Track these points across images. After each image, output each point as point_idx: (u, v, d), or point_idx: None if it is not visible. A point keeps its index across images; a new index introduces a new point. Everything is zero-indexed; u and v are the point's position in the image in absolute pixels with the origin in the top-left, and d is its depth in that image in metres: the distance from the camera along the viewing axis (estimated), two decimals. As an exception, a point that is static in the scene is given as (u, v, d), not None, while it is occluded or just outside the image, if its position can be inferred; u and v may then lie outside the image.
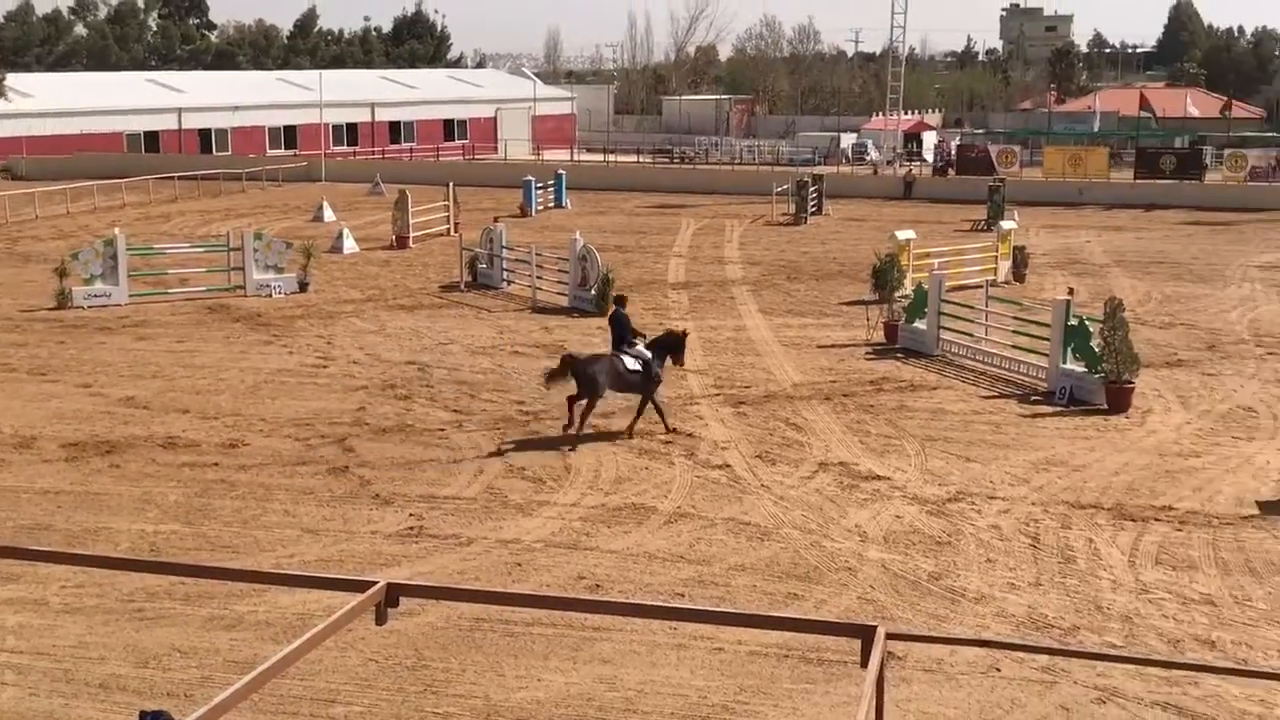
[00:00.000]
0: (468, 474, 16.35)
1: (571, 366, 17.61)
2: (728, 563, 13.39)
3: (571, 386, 17.74)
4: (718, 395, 20.41)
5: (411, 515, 14.80)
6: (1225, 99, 79.70)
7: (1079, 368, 20.34)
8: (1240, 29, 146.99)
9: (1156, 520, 14.65)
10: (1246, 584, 12.83)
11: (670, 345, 18.51)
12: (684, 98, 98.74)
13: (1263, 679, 10.36)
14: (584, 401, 17.66)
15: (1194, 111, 78.38)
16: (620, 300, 19.24)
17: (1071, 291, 23.92)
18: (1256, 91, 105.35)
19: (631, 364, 17.82)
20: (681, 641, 11.38)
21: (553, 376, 17.93)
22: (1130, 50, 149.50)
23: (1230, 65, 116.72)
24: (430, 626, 11.75)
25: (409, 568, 13.21)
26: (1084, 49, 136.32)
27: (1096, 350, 19.92)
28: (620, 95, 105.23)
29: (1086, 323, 20.51)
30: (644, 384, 18.00)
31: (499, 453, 17.21)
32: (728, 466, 16.67)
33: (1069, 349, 20.55)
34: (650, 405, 18.15)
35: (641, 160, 72.04)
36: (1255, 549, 13.78)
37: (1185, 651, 11.31)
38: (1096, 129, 79.11)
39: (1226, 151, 61.75)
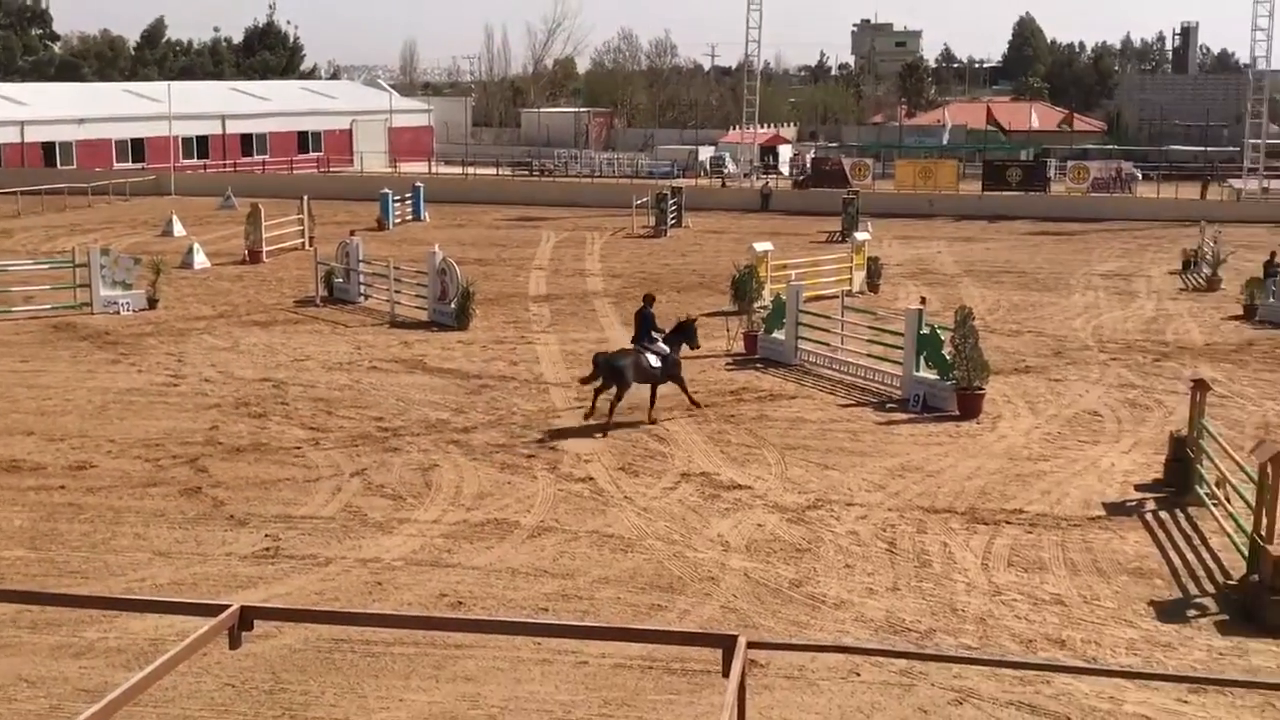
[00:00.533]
0: (325, 492, 16.07)
1: (601, 362, 19.27)
2: (591, 576, 13.37)
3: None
4: (580, 408, 20.39)
5: (267, 536, 14.49)
6: (1067, 113, 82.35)
7: (932, 375, 20.79)
8: (1081, 45, 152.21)
9: (1008, 523, 15.03)
10: (1094, 583, 13.23)
11: (684, 333, 20.25)
12: (543, 110, 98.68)
13: (1110, 676, 10.70)
14: (612, 392, 19.07)
15: (1039, 125, 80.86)
16: (649, 299, 20.78)
17: (924, 301, 24.46)
18: (1098, 105, 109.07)
19: (653, 360, 19.59)
20: (545, 656, 11.32)
21: (588, 380, 19.66)
22: (977, 65, 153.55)
23: (1072, 80, 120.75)
24: (288, 649, 11.50)
25: (265, 590, 12.93)
26: (933, 64, 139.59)
27: (948, 358, 20.39)
28: (478, 107, 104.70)
29: (938, 331, 20.98)
30: (664, 376, 19.73)
31: (360, 471, 16.96)
32: (591, 479, 16.66)
33: (922, 357, 21.00)
34: (682, 387, 20.16)
35: (501, 173, 71.77)
36: (1102, 549, 14.22)
37: (1037, 651, 11.61)
38: (946, 142, 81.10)
39: (1069, 163, 63.84)
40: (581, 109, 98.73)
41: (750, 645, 5.32)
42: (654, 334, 20.01)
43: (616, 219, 49.93)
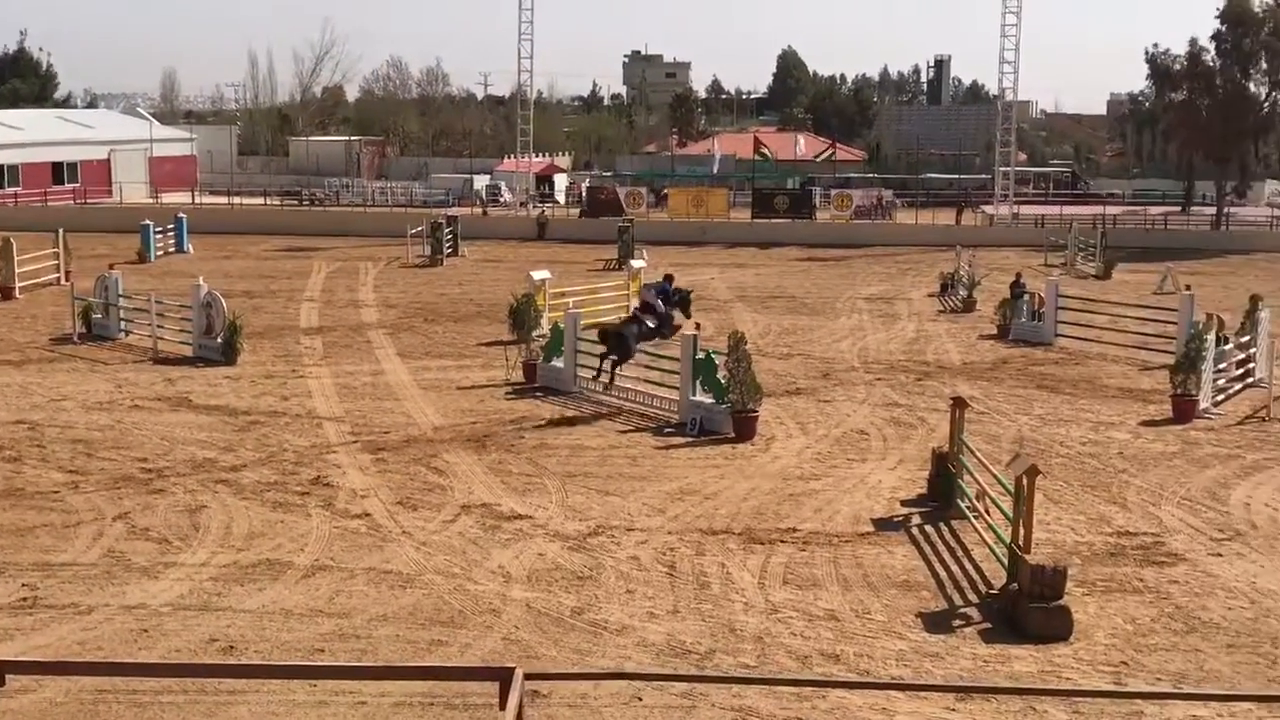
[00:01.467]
0: (86, 538, 15.33)
1: (606, 333, 22.45)
2: (369, 614, 13.10)
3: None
4: (355, 442, 20.01)
5: (24, 585, 13.73)
6: (830, 142, 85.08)
7: (707, 399, 21.15)
8: (842, 77, 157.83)
9: (783, 542, 15.36)
10: (865, 598, 13.62)
11: (681, 302, 23.89)
12: (311, 139, 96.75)
13: (882, 689, 11.02)
14: (614, 359, 22.19)
15: (804, 153, 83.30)
16: (669, 278, 24.67)
17: (698, 326, 24.84)
18: (858, 135, 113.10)
19: (650, 322, 22.87)
20: (322, 698, 11.01)
21: (602, 340, 22.43)
22: (745, 96, 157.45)
23: (834, 110, 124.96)
24: (49, 702, 10.91)
25: (23, 642, 12.24)
26: (702, 95, 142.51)
27: (723, 382, 20.77)
28: (244, 136, 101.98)
29: (713, 356, 21.37)
30: (660, 331, 23.13)
31: (123, 514, 16.23)
32: (367, 515, 16.34)
33: (698, 381, 21.34)
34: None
35: (269, 202, 69.97)
36: (872, 564, 14.66)
37: (813, 666, 11.89)
38: (716, 171, 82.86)
39: (833, 191, 65.97)
40: (352, 137, 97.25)
41: (528, 677, 5.29)
42: (657, 305, 23.37)
43: (391, 249, 49.29)
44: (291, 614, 13.07)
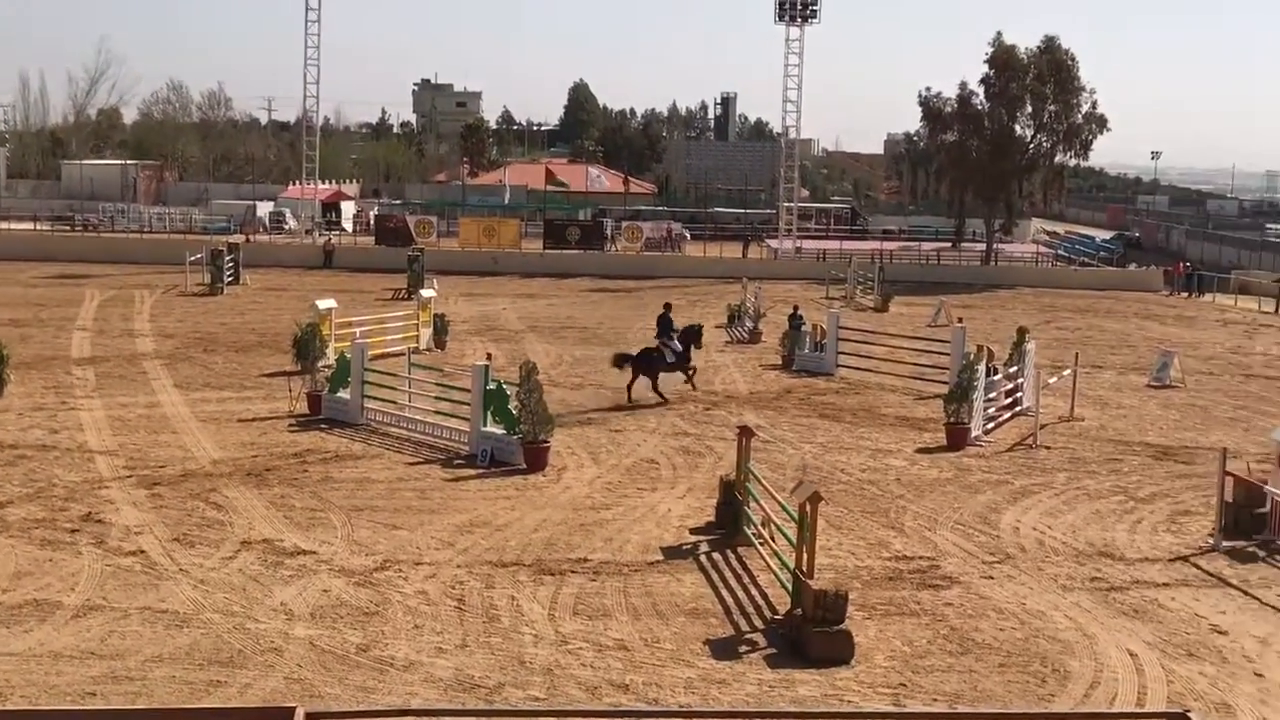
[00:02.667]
0: None
1: (630, 359, 26.28)
2: (144, 655, 12.57)
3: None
4: (129, 477, 19.23)
5: None
6: (622, 176, 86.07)
7: (498, 430, 21.04)
8: (632, 111, 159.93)
9: (573, 572, 15.36)
10: (655, 626, 13.71)
11: (692, 336, 27.34)
12: (86, 162, 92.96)
13: (670, 718, 11.08)
14: (637, 380, 25.80)
15: (595, 186, 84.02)
16: (668, 306, 28.11)
17: (489, 357, 24.76)
18: (649, 169, 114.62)
19: (669, 356, 26.35)
20: (92, 746, 10.49)
21: (619, 363, 26.33)
22: (536, 127, 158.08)
23: (624, 144, 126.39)
24: None
25: None
26: (494, 125, 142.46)
27: (514, 412, 20.70)
28: (13, 159, 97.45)
29: (504, 386, 21.28)
30: (675, 367, 26.43)
31: None
32: (142, 552, 15.70)
33: (489, 412, 21.22)
34: (689, 376, 26.81)
35: (39, 228, 66.92)
36: (661, 593, 14.77)
37: (602, 697, 11.89)
38: (507, 201, 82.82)
39: (624, 223, 66.68)
40: (129, 161, 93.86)
41: (310, 716, 5.13)
42: (670, 333, 26.73)
43: (169, 276, 47.70)
44: (61, 656, 12.44)
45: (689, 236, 67.60)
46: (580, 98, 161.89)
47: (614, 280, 52.90)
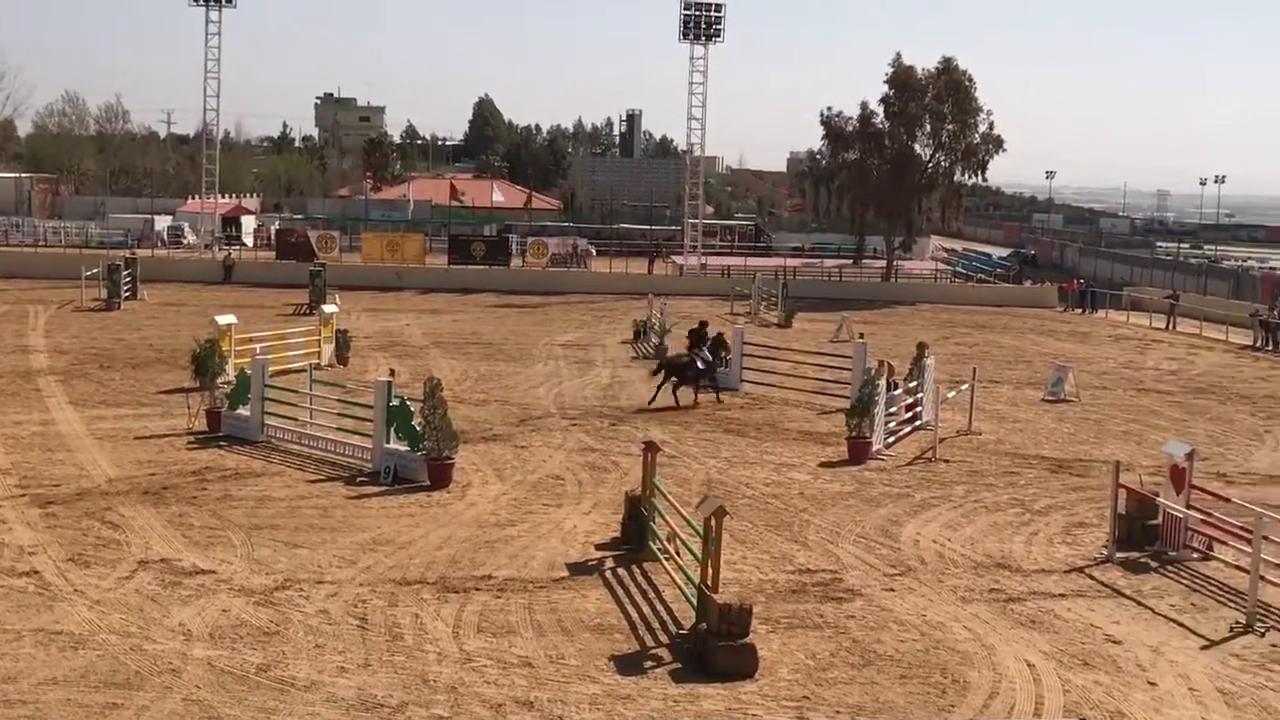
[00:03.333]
0: None
1: (664, 362, 29.17)
2: (37, 678, 12.26)
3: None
4: (23, 496, 18.78)
5: None
6: (528, 191, 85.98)
7: (402, 447, 20.87)
8: (537, 127, 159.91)
9: (478, 590, 15.27)
10: (560, 643, 13.68)
11: (719, 346, 29.64)
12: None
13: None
14: (673, 381, 28.00)
15: (500, 201, 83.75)
16: (703, 324, 31.04)
17: (393, 373, 24.54)
18: (554, 184, 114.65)
19: (701, 366, 28.43)
20: (-19, 773, 10.23)
21: (655, 373, 28.78)
22: (441, 142, 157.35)
23: (530, 160, 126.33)
24: None
25: None
26: (397, 139, 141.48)
27: (418, 429, 20.56)
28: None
29: (408, 403, 21.13)
30: (703, 376, 28.59)
31: None
32: (35, 573, 15.33)
33: (392, 429, 21.04)
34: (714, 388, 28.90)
35: (-73, 242, 65.22)
36: (566, 609, 14.75)
37: (507, 715, 11.83)
38: (411, 216, 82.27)
39: (530, 239, 66.57)
40: (23, 174, 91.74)
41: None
42: (703, 346, 29.21)
43: (64, 291, 46.69)
44: (-54, 683, 12.10)
45: (594, 252, 67.69)
46: (485, 113, 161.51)
47: (519, 296, 52.80)
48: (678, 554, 15.61)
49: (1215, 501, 18.30)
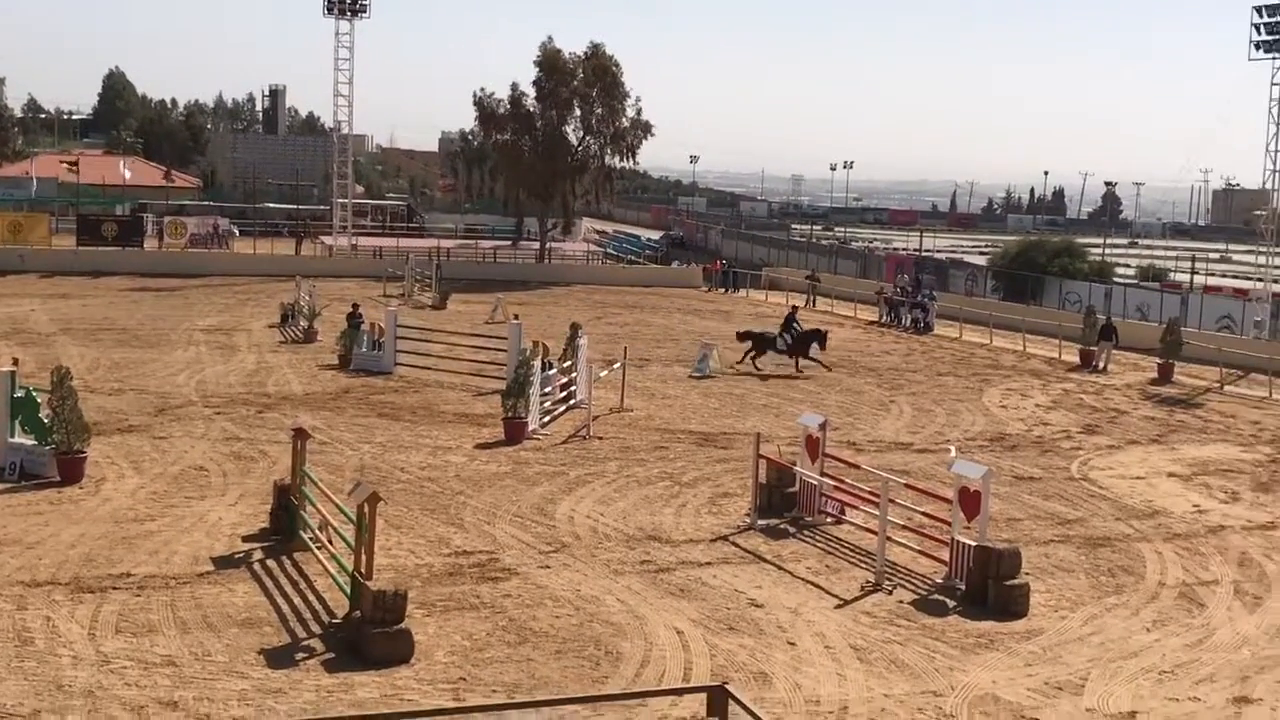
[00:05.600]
0: None
1: (754, 334, 34.27)
2: None
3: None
4: None
5: None
6: (163, 168, 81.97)
7: (29, 441, 19.55)
8: (174, 101, 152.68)
9: (115, 589, 14.48)
10: (206, 639, 13.14)
11: (816, 336, 34.33)
12: None
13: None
14: (755, 351, 33.39)
15: (131, 178, 79.51)
16: (795, 309, 37.14)
17: (16, 362, 22.90)
18: (192, 162, 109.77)
19: (780, 345, 33.56)
20: None
21: (742, 337, 34.29)
22: (67, 116, 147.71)
23: (165, 136, 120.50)
24: None
25: None
26: (19, 113, 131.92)
27: (46, 421, 19.30)
28: None
29: (34, 394, 19.81)
30: (784, 352, 33.48)
31: None
32: None
33: (17, 422, 19.67)
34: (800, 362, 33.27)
35: None
36: (212, 604, 14.18)
37: (150, 716, 11.28)
38: (35, 195, 77.05)
39: (167, 219, 63.46)
40: None
41: None
42: (793, 329, 33.94)
43: None
44: None
45: (238, 233, 65.17)
46: (116, 86, 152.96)
47: (156, 279, 50.20)
48: (330, 542, 15.29)
49: (846, 469, 19.47)
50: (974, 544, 15.68)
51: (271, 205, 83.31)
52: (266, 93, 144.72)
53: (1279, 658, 14.04)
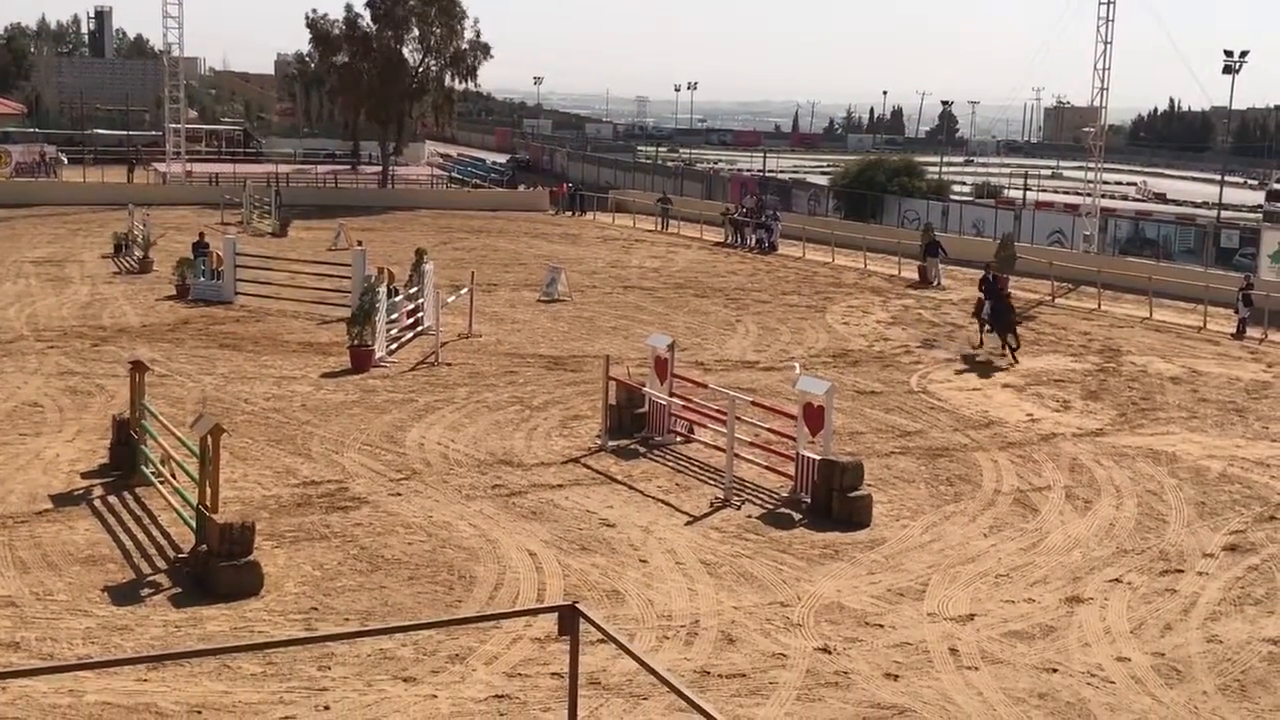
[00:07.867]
0: None
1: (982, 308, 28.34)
2: None
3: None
4: None
5: None
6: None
7: None
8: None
9: (-52, 531, 14.02)
10: (46, 579, 12.82)
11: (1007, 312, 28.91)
12: None
13: (69, 670, 10.49)
14: (982, 320, 28.08)
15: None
16: (989, 266, 30.67)
17: None
18: (15, 88, 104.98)
19: (987, 314, 27.97)
20: None
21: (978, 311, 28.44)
22: None
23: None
24: None
25: None
26: None
27: None
28: None
29: None
30: (996, 324, 27.53)
31: None
32: None
33: None
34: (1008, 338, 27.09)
35: None
36: (52, 542, 13.83)
37: (-10, 660, 11.00)
38: None
39: (-10, 147, 60.80)
40: None
41: None
42: (994, 301, 28.24)
43: None
44: None
45: (66, 161, 62.74)
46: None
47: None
48: (173, 477, 14.98)
49: (694, 388, 19.72)
50: (818, 458, 16.07)
51: (101, 131, 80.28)
52: (92, 14, 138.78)
53: (1108, 558, 14.73)
